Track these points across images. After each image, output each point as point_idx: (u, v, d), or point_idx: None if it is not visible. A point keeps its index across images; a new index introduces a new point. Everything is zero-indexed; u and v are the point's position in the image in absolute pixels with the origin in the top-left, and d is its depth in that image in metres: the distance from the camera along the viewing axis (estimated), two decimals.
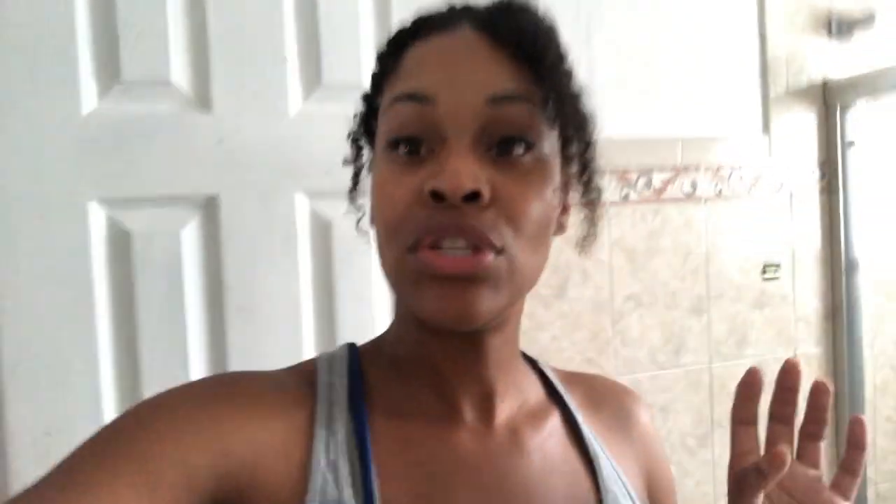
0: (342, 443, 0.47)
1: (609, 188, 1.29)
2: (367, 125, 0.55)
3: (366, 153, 0.58)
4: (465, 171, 0.44)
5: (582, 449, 0.56)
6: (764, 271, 1.40)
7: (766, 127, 1.42)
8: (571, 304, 1.25)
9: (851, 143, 1.46)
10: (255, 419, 0.46)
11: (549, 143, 0.48)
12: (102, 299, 0.90)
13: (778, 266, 1.41)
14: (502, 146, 0.46)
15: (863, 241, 1.45)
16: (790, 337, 1.41)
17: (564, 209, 0.55)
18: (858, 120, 1.45)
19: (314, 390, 0.50)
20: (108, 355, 0.90)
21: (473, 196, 0.44)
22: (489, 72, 0.46)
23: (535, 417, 0.56)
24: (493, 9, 0.50)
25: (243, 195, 0.95)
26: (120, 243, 0.91)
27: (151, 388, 0.89)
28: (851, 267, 1.45)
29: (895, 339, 1.49)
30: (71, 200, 0.89)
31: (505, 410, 0.54)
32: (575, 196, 0.56)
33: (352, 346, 0.55)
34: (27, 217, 0.87)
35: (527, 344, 1.25)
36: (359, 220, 0.59)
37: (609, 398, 0.63)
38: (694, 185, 1.35)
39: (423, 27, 0.50)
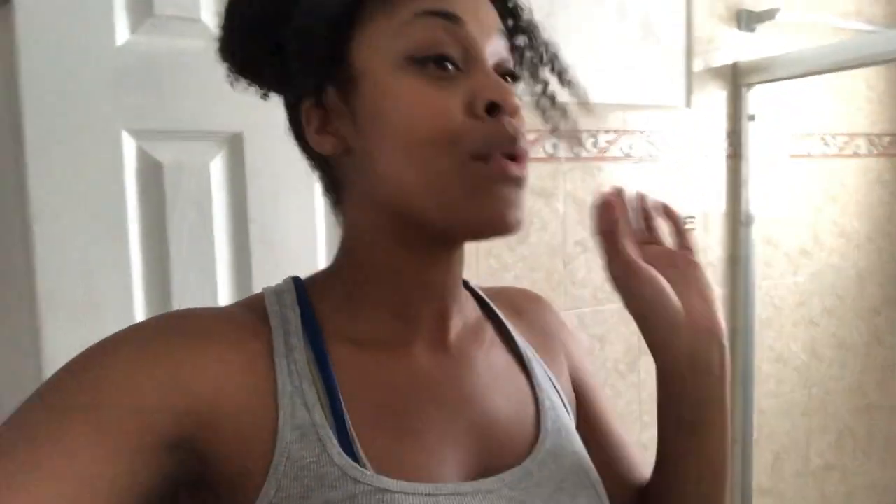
0: (303, 369, 0.48)
1: (564, 147, 1.45)
2: (323, 52, 0.49)
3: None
4: (507, 86, 0.47)
5: (516, 355, 0.59)
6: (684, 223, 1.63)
7: (688, 100, 1.64)
8: (531, 249, 1.41)
9: (752, 117, 1.72)
10: (211, 353, 0.45)
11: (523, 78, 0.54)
12: (135, 227, 0.94)
13: (693, 218, 1.65)
14: (504, 73, 0.51)
15: (757, 200, 1.73)
16: None
17: None
18: (759, 98, 1.72)
19: (267, 321, 0.50)
20: (140, 282, 0.94)
21: (516, 112, 0.48)
22: (491, 9, 0.51)
23: (476, 332, 0.58)
24: None
25: (266, 134, 1.01)
26: (151, 174, 0.94)
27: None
28: (748, 221, 1.72)
29: (777, 283, 1.79)
30: (105, 130, 0.91)
31: (453, 328, 0.55)
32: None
33: (296, 279, 0.55)
34: (63, 144, 0.88)
35: (494, 282, 1.46)
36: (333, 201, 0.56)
37: (525, 305, 0.66)
38: (630, 147, 1.54)
39: None
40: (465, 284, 0.61)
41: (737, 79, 1.71)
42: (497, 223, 0.47)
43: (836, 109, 1.89)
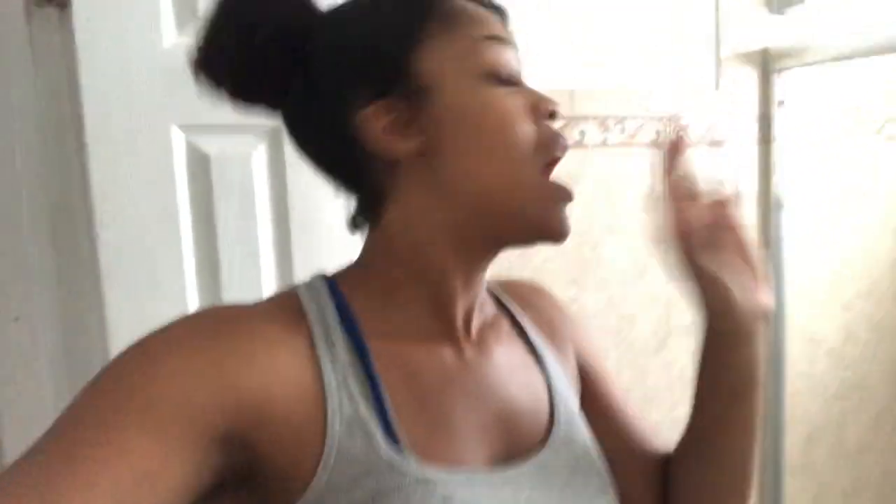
0: (346, 362, 0.50)
1: (590, 133, 1.49)
2: (390, 58, 0.53)
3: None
4: None
5: (529, 347, 0.63)
6: None
7: (717, 84, 1.65)
8: None
9: (782, 103, 1.73)
10: (257, 349, 0.46)
11: None
12: (185, 213, 1.02)
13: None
14: None
15: (787, 185, 1.73)
16: None
17: None
18: (789, 82, 1.72)
19: (305, 317, 0.51)
20: (191, 263, 1.03)
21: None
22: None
23: (494, 326, 0.62)
24: None
25: None
26: (199, 165, 1.03)
27: (230, 290, 1.03)
28: (779, 206, 1.73)
29: (808, 266, 1.80)
30: (156, 125, 0.99)
31: (476, 323, 0.59)
32: None
33: (325, 277, 0.57)
34: (120, 139, 0.97)
35: (523, 264, 1.50)
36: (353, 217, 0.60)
37: (531, 298, 0.69)
38: (658, 133, 1.57)
39: None
40: None
41: (767, 63, 1.71)
42: (557, 234, 0.54)
43: (869, 94, 1.87)
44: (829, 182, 1.81)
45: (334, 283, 0.56)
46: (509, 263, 1.46)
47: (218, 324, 0.48)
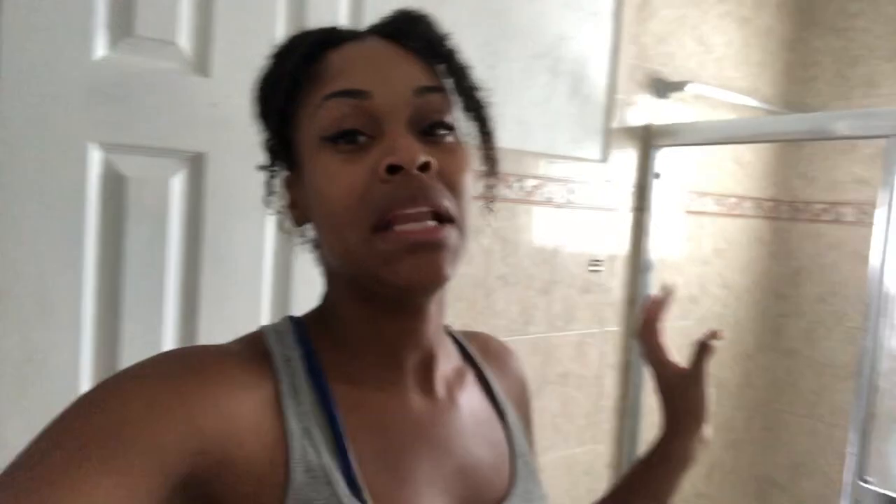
0: (310, 411, 0.50)
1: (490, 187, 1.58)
2: (279, 136, 0.57)
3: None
4: (414, 145, 0.50)
5: (491, 399, 0.64)
6: (591, 264, 1.80)
7: (604, 155, 1.81)
8: (457, 280, 1.52)
9: (658, 175, 1.93)
10: (224, 394, 0.46)
11: (463, 126, 0.56)
12: (92, 235, 0.96)
13: (601, 261, 1.82)
14: (429, 130, 0.52)
15: (656, 249, 1.93)
16: (602, 317, 1.84)
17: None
18: (664, 158, 1.92)
19: (271, 362, 0.52)
20: (91, 289, 0.97)
21: (426, 165, 0.49)
22: (409, 69, 0.53)
23: (459, 376, 0.62)
24: (392, 20, 0.57)
25: (229, 156, 1.07)
26: (114, 185, 0.98)
27: (129, 320, 0.99)
28: (647, 268, 1.91)
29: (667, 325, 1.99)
30: (74, 140, 0.94)
31: (439, 372, 0.59)
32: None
33: (294, 318, 0.58)
34: (31, 151, 0.90)
35: None
36: (282, 222, 0.62)
37: (495, 351, 0.72)
38: (552, 193, 1.70)
39: (333, 37, 0.55)
40: (446, 328, 0.66)
41: (647, 140, 1.91)
42: (414, 285, 0.50)
43: (730, 173, 2.14)
44: (690, 249, 2.04)
45: (302, 325, 0.57)
46: None
47: (186, 366, 0.48)
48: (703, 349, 0.74)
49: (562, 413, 1.76)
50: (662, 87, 1.93)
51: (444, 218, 0.51)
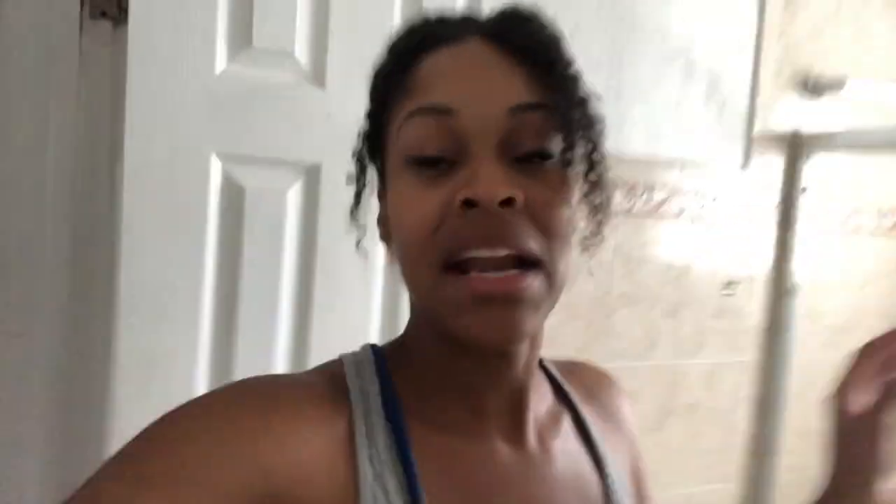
0: (385, 454, 0.46)
1: (616, 199, 1.48)
2: (372, 143, 0.53)
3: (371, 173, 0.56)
4: (497, 176, 0.43)
5: (590, 447, 0.57)
6: (726, 286, 1.64)
7: (745, 162, 1.65)
8: (574, 297, 1.44)
9: (805, 189, 1.73)
10: (292, 431, 0.43)
11: (567, 150, 0.47)
12: (212, 245, 0.98)
13: (737, 284, 1.66)
14: (526, 155, 0.46)
15: (803, 271, 1.73)
16: (736, 345, 1.67)
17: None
18: (815, 167, 1.72)
19: (347, 397, 0.48)
20: (209, 296, 0.99)
21: (508, 201, 0.43)
22: (507, 82, 0.46)
23: (553, 420, 0.56)
24: (500, 19, 0.49)
25: (343, 167, 1.04)
26: (233, 196, 0.99)
27: (244, 327, 0.99)
28: (792, 291, 1.72)
29: (813, 356, 1.79)
30: (196, 151, 0.96)
31: (530, 419, 0.53)
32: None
33: (375, 349, 0.54)
34: (158, 161, 0.93)
35: None
36: (358, 242, 0.58)
37: (598, 388, 0.64)
38: (682, 206, 1.56)
39: (430, 40, 0.49)
40: (540, 362, 0.60)
41: (796, 147, 1.71)
42: (482, 341, 0.45)
43: (891, 186, 1.89)
44: (842, 272, 1.82)
45: (382, 358, 0.52)
46: None
47: (256, 401, 0.45)
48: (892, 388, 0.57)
49: (686, 448, 1.61)
50: (814, 87, 1.72)
51: (527, 262, 0.44)
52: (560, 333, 1.42)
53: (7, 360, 0.94)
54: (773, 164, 1.68)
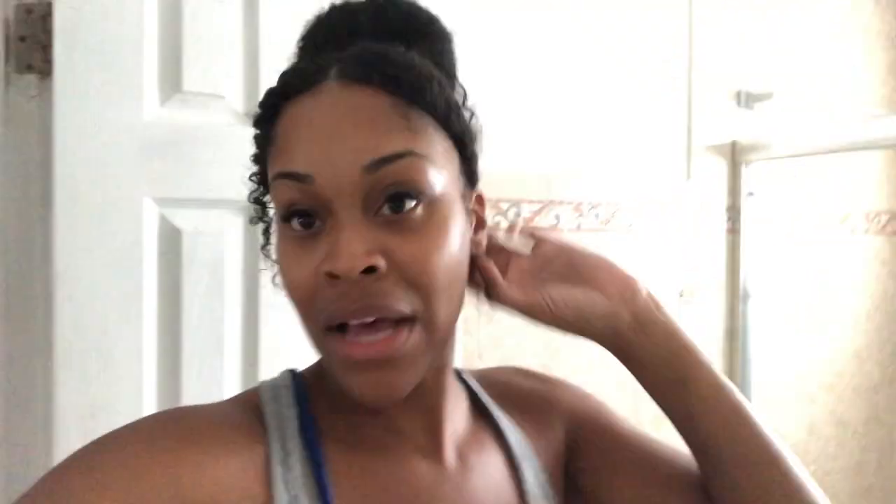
0: (300, 477, 0.46)
1: (565, 217, 1.50)
2: (264, 183, 0.53)
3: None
4: (356, 247, 0.43)
5: (508, 457, 0.58)
6: (681, 295, 1.67)
7: (688, 173, 1.69)
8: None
9: (751, 193, 1.78)
10: (212, 459, 0.44)
11: (443, 177, 0.47)
12: (151, 289, 0.98)
13: (692, 292, 1.68)
14: (392, 203, 0.45)
15: (755, 276, 1.76)
16: None
17: (478, 224, 0.56)
18: (757, 175, 1.77)
19: (264, 423, 0.49)
20: (152, 342, 0.98)
21: (369, 270, 0.43)
22: (361, 137, 0.45)
23: (472, 434, 0.57)
24: (357, 53, 0.48)
25: None
26: (170, 239, 0.99)
27: (189, 371, 0.98)
28: (746, 296, 1.75)
29: (774, 358, 1.81)
30: (129, 197, 0.96)
31: (449, 433, 0.54)
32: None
33: (294, 374, 0.54)
34: (90, 209, 0.93)
35: (494, 349, 1.45)
36: (274, 276, 0.55)
37: (512, 386, 0.64)
38: (632, 219, 1.59)
39: (290, 87, 0.48)
40: (458, 374, 0.60)
41: (736, 155, 1.77)
42: (362, 400, 0.46)
43: (835, 187, 1.95)
44: (795, 273, 1.86)
45: (301, 382, 0.53)
46: (478, 346, 1.44)
47: (173, 427, 0.45)
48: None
49: None
50: (746, 99, 1.79)
51: (401, 320, 0.45)
52: (521, 352, 1.43)
53: None
54: (717, 174, 1.73)
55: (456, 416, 0.56)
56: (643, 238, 1.60)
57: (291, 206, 0.45)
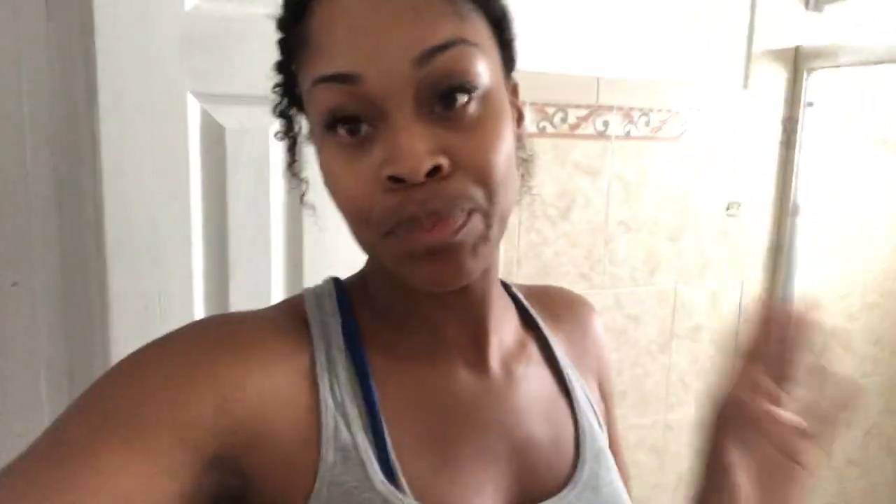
0: (346, 384, 0.47)
1: (615, 124, 1.45)
2: (291, 94, 0.50)
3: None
4: (418, 147, 0.41)
5: (556, 372, 0.58)
6: (728, 208, 1.62)
7: (745, 81, 1.60)
8: (573, 225, 1.43)
9: (811, 104, 1.68)
10: (253, 367, 0.44)
11: (490, 68, 0.45)
12: (196, 186, 0.98)
13: (739, 205, 1.63)
14: (446, 100, 0.43)
15: (807, 190, 1.70)
16: (741, 267, 1.66)
17: (520, 117, 0.53)
18: (819, 83, 1.67)
19: (308, 331, 0.48)
20: (199, 237, 0.99)
21: (434, 170, 0.42)
22: (408, 26, 0.42)
23: (519, 346, 0.57)
24: None
25: None
26: (214, 136, 0.98)
27: (238, 268, 1.00)
28: (795, 211, 1.69)
29: (819, 274, 1.77)
30: (172, 91, 0.94)
31: (495, 344, 0.54)
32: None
33: (337, 282, 0.54)
34: (134, 106, 0.92)
35: (533, 258, 1.44)
36: (302, 196, 0.56)
37: (567, 310, 0.64)
38: (684, 127, 1.53)
39: None
40: (506, 288, 0.61)
41: (799, 62, 1.66)
42: (430, 287, 0.45)
43: None
44: (848, 190, 1.78)
45: (343, 291, 0.52)
46: (518, 254, 1.43)
47: (216, 335, 0.45)
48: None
49: (692, 370, 1.63)
50: (816, 1, 1.66)
51: (459, 213, 0.44)
52: (560, 262, 1.42)
53: (6, 309, 0.96)
54: (776, 81, 1.64)
55: (503, 328, 0.55)
56: (694, 148, 1.54)
57: (337, 113, 0.43)
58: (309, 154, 0.52)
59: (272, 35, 0.49)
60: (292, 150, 0.54)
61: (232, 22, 0.96)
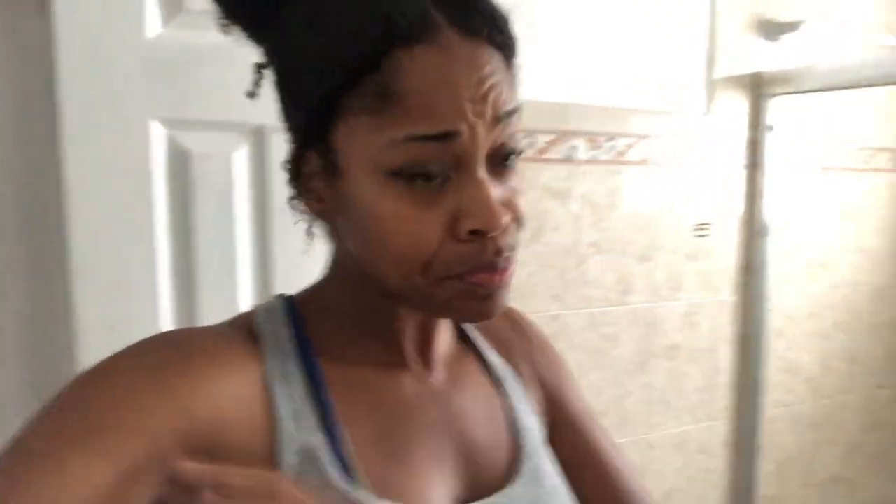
0: (300, 391, 0.48)
1: (582, 149, 1.48)
2: (311, 131, 0.48)
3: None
4: (497, 205, 0.45)
5: (491, 376, 0.61)
6: (696, 229, 1.65)
7: (708, 107, 1.65)
8: (545, 247, 1.44)
9: (771, 128, 1.73)
10: (210, 376, 0.45)
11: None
12: (162, 211, 0.98)
13: (709, 225, 1.66)
14: (506, 158, 0.47)
15: (774, 211, 1.73)
16: (713, 286, 1.68)
17: None
18: (779, 108, 1.72)
19: (260, 343, 0.50)
20: (165, 263, 0.99)
21: (506, 229, 0.46)
22: (496, 87, 0.45)
23: (456, 354, 0.60)
24: (465, 2, 0.46)
25: None
26: (179, 162, 0.99)
27: (204, 293, 1.00)
28: (764, 231, 1.73)
29: (790, 293, 1.80)
30: (135, 119, 0.96)
31: (436, 353, 0.56)
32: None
33: (285, 297, 0.55)
34: (97, 133, 0.93)
35: None
36: (309, 227, 0.54)
37: (502, 329, 0.66)
38: (649, 152, 1.56)
39: (399, 31, 0.43)
40: None
41: (758, 88, 1.71)
42: (478, 320, 0.51)
43: (860, 122, 1.89)
44: (814, 210, 1.82)
45: (293, 306, 0.54)
46: None
47: (174, 347, 0.47)
48: None
49: (671, 388, 1.63)
50: (772, 28, 1.72)
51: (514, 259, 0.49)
52: (533, 283, 1.43)
53: None
54: (737, 107, 1.69)
55: (443, 337, 0.58)
56: (660, 171, 1.57)
57: (424, 167, 0.44)
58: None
59: (235, 62, 0.50)
60: (297, 170, 0.50)
61: (195, 50, 0.98)
